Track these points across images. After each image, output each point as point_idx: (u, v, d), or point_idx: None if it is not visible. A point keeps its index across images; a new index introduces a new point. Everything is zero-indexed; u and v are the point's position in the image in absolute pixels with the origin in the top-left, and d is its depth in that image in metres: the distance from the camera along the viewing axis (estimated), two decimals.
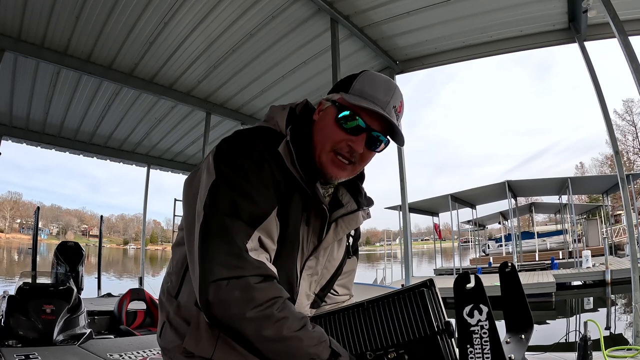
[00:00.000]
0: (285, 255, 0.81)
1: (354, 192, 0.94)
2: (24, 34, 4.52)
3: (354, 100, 0.80)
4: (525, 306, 0.73)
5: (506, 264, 0.79)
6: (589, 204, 27.30)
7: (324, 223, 0.86)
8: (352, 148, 0.81)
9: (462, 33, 5.01)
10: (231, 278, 0.66)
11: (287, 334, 0.66)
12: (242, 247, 0.69)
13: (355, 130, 0.81)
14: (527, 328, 0.72)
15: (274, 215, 0.75)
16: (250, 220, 0.71)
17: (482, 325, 0.58)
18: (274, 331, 0.66)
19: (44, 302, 3.24)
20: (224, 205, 0.71)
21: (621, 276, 12.17)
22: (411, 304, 0.71)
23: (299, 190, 0.81)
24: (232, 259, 0.68)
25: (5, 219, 78.77)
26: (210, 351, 0.78)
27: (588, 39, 4.56)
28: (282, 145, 0.80)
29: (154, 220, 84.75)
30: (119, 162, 8.30)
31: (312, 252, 0.87)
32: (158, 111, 6.54)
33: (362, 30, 5.03)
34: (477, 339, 0.59)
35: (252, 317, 0.65)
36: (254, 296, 0.66)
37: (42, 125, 6.75)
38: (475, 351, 0.59)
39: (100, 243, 8.70)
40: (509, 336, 0.73)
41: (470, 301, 0.60)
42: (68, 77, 5.41)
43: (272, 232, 0.75)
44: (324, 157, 0.83)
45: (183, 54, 5.13)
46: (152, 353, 2.86)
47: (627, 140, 34.63)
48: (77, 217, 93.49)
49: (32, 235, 6.75)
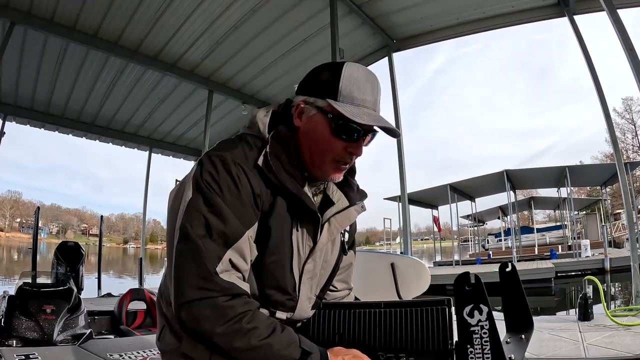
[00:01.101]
0: (279, 264, 0.82)
1: (345, 188, 0.93)
2: (35, 9, 4.67)
3: (348, 111, 0.78)
4: (525, 306, 0.73)
5: (506, 264, 0.79)
6: (588, 198, 27.40)
7: (317, 226, 0.86)
8: (354, 153, 0.84)
9: (456, 10, 5.17)
10: (202, 299, 0.70)
11: (256, 343, 0.70)
12: (212, 270, 0.71)
13: (356, 138, 0.82)
14: (527, 328, 0.72)
15: (248, 234, 0.76)
16: (223, 241, 0.73)
17: (483, 325, 0.58)
18: (244, 342, 0.70)
19: (44, 302, 3.23)
20: (198, 226, 0.73)
21: (620, 264, 12.27)
22: (431, 318, 0.73)
23: (285, 198, 0.81)
24: (202, 281, 0.70)
25: (5, 217, 78.81)
26: (207, 356, 0.79)
27: (578, 13, 4.71)
28: (261, 159, 0.80)
29: (153, 219, 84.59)
30: (121, 146, 8.43)
31: (308, 255, 0.87)
32: (161, 91, 6.68)
33: (360, 7, 5.18)
34: (477, 339, 0.59)
35: (222, 332, 0.69)
36: (224, 313, 0.70)
37: (46, 106, 6.89)
38: (475, 351, 0.59)
39: (100, 243, 8.67)
40: (509, 336, 0.73)
41: (471, 301, 0.60)
42: (75, 54, 5.56)
43: (245, 253, 0.76)
44: (325, 167, 0.84)
45: (187, 30, 5.28)
46: (152, 353, 2.84)
47: (626, 138, 34.69)
48: (77, 217, 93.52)
49: (32, 235, 6.70)
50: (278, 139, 0.83)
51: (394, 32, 5.71)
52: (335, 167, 0.85)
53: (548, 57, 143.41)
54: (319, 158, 0.84)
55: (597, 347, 2.94)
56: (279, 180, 0.79)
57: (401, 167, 5.69)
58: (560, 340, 3.21)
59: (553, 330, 3.49)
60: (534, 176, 17.50)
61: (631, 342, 2.97)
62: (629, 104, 33.85)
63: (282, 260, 0.83)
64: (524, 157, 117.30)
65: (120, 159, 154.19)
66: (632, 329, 3.35)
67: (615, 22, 4.24)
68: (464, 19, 5.31)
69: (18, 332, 2.99)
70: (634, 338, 3.08)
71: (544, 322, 3.85)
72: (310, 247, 0.87)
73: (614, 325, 3.50)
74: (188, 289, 0.70)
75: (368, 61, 6.19)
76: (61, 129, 7.49)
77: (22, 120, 7.06)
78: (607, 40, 4.53)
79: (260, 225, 0.80)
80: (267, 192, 0.80)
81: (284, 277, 0.83)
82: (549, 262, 13.86)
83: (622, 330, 3.35)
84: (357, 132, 0.81)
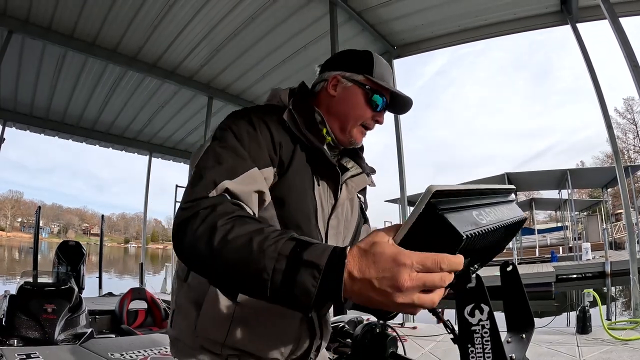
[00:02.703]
0: (304, 215, 0.84)
1: (357, 159, 1.01)
2: (32, 17, 4.65)
3: (382, 84, 0.93)
4: (526, 306, 0.73)
5: (507, 263, 0.79)
6: (589, 199, 27.34)
7: (337, 182, 0.90)
8: (379, 120, 0.96)
9: (457, 17, 5.12)
10: (185, 209, 0.66)
11: (233, 237, 0.57)
12: (203, 194, 0.68)
13: (382, 108, 0.96)
14: (528, 328, 0.72)
15: (261, 173, 0.75)
16: (226, 171, 0.71)
17: (483, 324, 0.58)
18: (219, 239, 0.58)
19: (45, 301, 3.25)
20: (206, 159, 0.74)
21: (621, 268, 12.24)
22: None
23: (306, 152, 0.86)
24: (190, 202, 0.67)
25: (7, 217, 79.00)
26: (222, 335, 0.78)
27: (580, 21, 4.68)
28: (286, 113, 0.85)
29: (154, 219, 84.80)
30: (121, 150, 8.43)
31: (331, 211, 0.90)
32: (161, 97, 6.66)
33: (360, 14, 5.15)
34: (478, 338, 0.58)
35: (199, 234, 0.60)
36: (202, 216, 0.63)
37: (46, 112, 6.88)
38: (476, 351, 0.58)
39: (101, 242, 8.71)
40: (510, 336, 0.73)
41: (471, 301, 0.60)
42: (73, 61, 5.54)
43: (248, 188, 0.72)
44: (354, 131, 0.94)
45: (186, 37, 5.26)
46: (153, 352, 2.87)
47: (627, 138, 34.59)
48: (78, 216, 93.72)
49: (34, 234, 6.73)
50: (300, 103, 0.90)
51: (395, 39, 5.68)
52: (361, 132, 0.96)
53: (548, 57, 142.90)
54: (351, 123, 0.93)
55: None
56: (302, 132, 0.85)
57: (401, 169, 5.69)
58: (557, 355, 3.20)
59: (551, 344, 3.48)
60: (535, 179, 17.47)
61: (628, 358, 2.95)
62: (630, 104, 33.74)
63: (307, 212, 0.85)
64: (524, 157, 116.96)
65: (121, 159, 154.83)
66: (630, 343, 3.33)
67: (617, 31, 4.21)
68: (465, 26, 5.27)
69: (19, 332, 3.01)
70: (631, 354, 3.06)
71: (542, 335, 3.84)
72: (332, 203, 0.91)
73: (612, 339, 3.49)
74: (179, 211, 0.67)
75: None
76: (61, 135, 7.50)
77: (21, 126, 7.06)
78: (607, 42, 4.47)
79: (282, 175, 0.82)
80: (289, 144, 0.84)
81: (309, 229, 0.85)
82: (549, 265, 13.84)
83: (619, 345, 3.34)
84: (384, 104, 0.95)
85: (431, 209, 0.48)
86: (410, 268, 0.46)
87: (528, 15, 4.97)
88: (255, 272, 0.53)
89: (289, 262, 0.51)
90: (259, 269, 0.53)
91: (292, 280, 0.51)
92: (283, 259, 0.52)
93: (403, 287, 0.46)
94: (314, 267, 0.50)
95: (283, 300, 0.53)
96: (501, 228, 0.60)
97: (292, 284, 0.51)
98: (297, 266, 0.51)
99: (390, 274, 0.47)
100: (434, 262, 0.47)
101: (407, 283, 0.46)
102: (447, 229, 0.47)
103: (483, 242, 0.55)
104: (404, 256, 0.47)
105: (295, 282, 0.51)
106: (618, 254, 15.17)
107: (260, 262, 0.53)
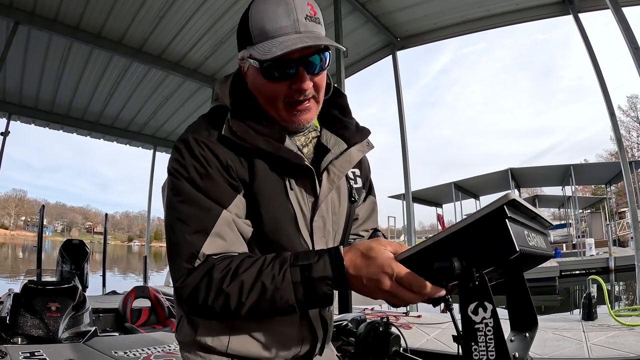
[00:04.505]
0: (281, 230, 0.77)
1: (340, 130, 0.85)
2: (39, 8, 4.69)
3: (259, 51, 0.71)
4: (529, 304, 0.72)
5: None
6: (592, 197, 27.24)
7: (312, 178, 0.79)
8: (300, 88, 0.74)
9: (460, 7, 5.14)
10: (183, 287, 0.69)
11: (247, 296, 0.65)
12: (189, 267, 0.69)
13: (290, 73, 0.73)
14: (531, 326, 0.71)
15: (232, 211, 0.72)
16: (200, 229, 0.70)
17: (487, 323, 0.58)
18: (236, 302, 0.66)
19: (49, 299, 3.27)
20: (174, 221, 0.72)
21: (625, 263, 12.21)
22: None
23: (264, 159, 0.76)
24: (181, 277, 0.70)
25: (10, 216, 79.49)
26: (224, 344, 0.78)
27: (582, 11, 4.67)
28: (225, 128, 0.74)
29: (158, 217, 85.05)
30: (125, 144, 8.47)
31: (313, 212, 0.81)
32: (165, 89, 6.70)
33: (363, 5, 5.17)
34: (482, 336, 0.58)
35: (211, 305, 0.67)
36: (202, 288, 0.67)
37: (50, 105, 6.93)
38: (479, 349, 0.58)
39: (105, 241, 8.73)
40: (514, 334, 0.72)
41: (475, 298, 0.59)
42: (79, 53, 5.58)
43: (227, 234, 0.72)
44: (283, 115, 0.77)
45: (191, 29, 5.29)
46: (157, 350, 2.85)
47: (631, 136, 34.41)
48: (81, 215, 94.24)
49: (37, 233, 6.74)
50: (240, 102, 0.78)
51: (398, 30, 5.69)
52: (291, 111, 0.77)
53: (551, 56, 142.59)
54: (272, 108, 0.78)
55: (601, 347, 2.94)
56: (248, 143, 0.74)
57: (405, 166, 5.70)
58: (563, 339, 3.21)
59: (557, 330, 3.49)
60: (538, 174, 17.43)
61: (635, 343, 2.97)
62: (634, 101, 33.56)
63: (284, 225, 0.77)
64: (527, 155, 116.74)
65: (125, 157, 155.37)
66: (636, 329, 3.34)
67: (620, 21, 4.21)
68: (468, 17, 5.28)
69: (23, 330, 3.03)
70: (638, 338, 3.08)
71: (547, 322, 3.85)
72: (312, 203, 0.80)
73: (617, 325, 3.49)
74: (178, 290, 0.70)
75: (372, 59, 6.18)
76: (65, 128, 7.54)
77: (26, 120, 7.11)
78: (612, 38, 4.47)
79: (248, 195, 0.75)
80: (241, 159, 0.75)
81: (291, 242, 0.78)
82: (553, 260, 13.81)
83: (625, 330, 3.34)
84: (287, 66, 0.72)
85: (501, 213, 0.54)
86: (391, 277, 0.60)
87: (530, 6, 4.98)
88: (281, 306, 0.66)
89: (305, 285, 0.64)
90: (283, 301, 0.65)
91: (314, 295, 0.64)
92: (299, 285, 0.64)
93: (383, 289, 0.60)
94: (326, 279, 0.63)
95: (311, 308, 0.73)
96: (538, 256, 0.65)
97: (314, 297, 0.65)
98: (313, 285, 0.64)
99: (376, 277, 0.60)
100: (407, 281, 0.59)
101: (386, 287, 0.60)
102: (505, 237, 0.53)
103: (519, 261, 0.60)
104: (389, 267, 0.60)
105: (316, 295, 0.64)
106: (622, 251, 15.11)
107: (282, 298, 0.65)
